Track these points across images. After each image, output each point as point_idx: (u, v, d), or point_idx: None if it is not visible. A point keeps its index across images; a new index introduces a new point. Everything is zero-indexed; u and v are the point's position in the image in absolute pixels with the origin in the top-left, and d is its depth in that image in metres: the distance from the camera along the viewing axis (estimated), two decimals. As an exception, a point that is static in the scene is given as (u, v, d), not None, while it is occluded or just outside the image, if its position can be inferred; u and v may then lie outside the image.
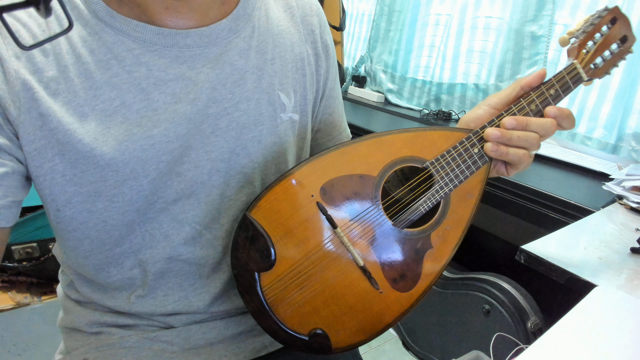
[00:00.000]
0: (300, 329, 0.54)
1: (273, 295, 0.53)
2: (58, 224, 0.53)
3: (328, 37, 0.66)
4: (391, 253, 0.55)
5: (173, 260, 0.56)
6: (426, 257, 0.56)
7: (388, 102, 2.01)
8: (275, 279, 0.53)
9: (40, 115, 0.47)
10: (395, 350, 1.58)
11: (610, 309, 0.54)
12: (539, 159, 1.29)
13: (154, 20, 0.50)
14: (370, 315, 0.55)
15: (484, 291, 1.25)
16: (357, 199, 0.55)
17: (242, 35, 0.56)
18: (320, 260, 0.54)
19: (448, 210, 0.58)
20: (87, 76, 0.48)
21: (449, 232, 0.57)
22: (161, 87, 0.50)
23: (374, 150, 0.56)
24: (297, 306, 0.53)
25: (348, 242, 0.54)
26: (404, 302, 0.55)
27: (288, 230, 0.53)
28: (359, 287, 0.54)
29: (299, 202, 0.54)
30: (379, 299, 0.55)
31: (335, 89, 0.69)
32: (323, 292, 0.54)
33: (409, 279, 0.55)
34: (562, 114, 0.56)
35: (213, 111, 0.53)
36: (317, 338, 0.54)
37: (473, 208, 0.58)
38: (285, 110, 0.59)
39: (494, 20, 1.58)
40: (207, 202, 0.55)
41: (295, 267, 0.53)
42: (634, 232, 0.82)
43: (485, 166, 0.58)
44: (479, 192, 0.59)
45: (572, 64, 0.58)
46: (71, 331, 0.62)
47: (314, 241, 0.53)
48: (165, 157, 0.51)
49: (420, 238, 0.56)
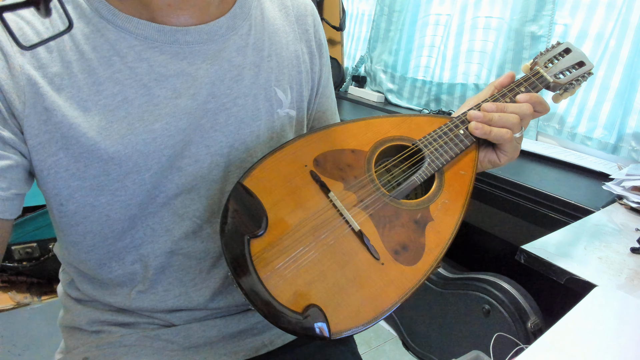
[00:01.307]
0: (293, 304, 0.46)
1: (264, 264, 0.47)
2: (61, 219, 0.54)
3: (322, 36, 0.68)
4: (389, 222, 0.53)
5: (174, 255, 0.57)
6: (428, 229, 0.54)
7: (388, 102, 2.01)
8: (266, 246, 0.48)
9: (45, 109, 0.48)
10: (395, 350, 1.58)
11: (610, 309, 0.54)
12: (539, 159, 1.29)
13: (155, 17, 0.51)
14: (373, 291, 0.49)
15: (484, 291, 1.25)
16: (350, 170, 0.55)
17: (240, 32, 0.57)
18: (314, 227, 0.51)
19: (444, 185, 0.58)
20: (91, 72, 0.49)
21: (449, 206, 0.57)
22: (162, 82, 0.51)
23: (364, 131, 0.60)
24: (290, 277, 0.47)
25: (342, 206, 0.52)
26: (410, 277, 0.50)
27: (280, 197, 0.51)
28: (358, 258, 0.50)
29: (292, 171, 0.54)
30: (381, 272, 0.50)
31: (328, 87, 0.71)
32: (319, 263, 0.49)
33: (412, 250, 0.52)
34: (532, 98, 0.62)
35: (212, 106, 0.54)
36: (313, 316, 0.46)
37: (469, 184, 0.59)
38: (282, 106, 0.61)
39: (494, 20, 1.58)
40: (208, 196, 0.56)
41: (288, 233, 0.49)
42: (634, 232, 0.82)
43: (474, 147, 0.62)
44: (472, 170, 0.61)
45: (536, 68, 0.68)
46: (71, 330, 0.62)
47: (308, 208, 0.52)
48: (167, 151, 0.52)
49: (419, 210, 0.55)
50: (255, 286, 0.46)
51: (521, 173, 1.12)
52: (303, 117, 0.65)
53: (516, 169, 1.16)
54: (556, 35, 1.41)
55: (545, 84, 0.66)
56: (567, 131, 1.41)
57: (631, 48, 1.24)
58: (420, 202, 0.56)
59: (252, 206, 0.50)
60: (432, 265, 0.52)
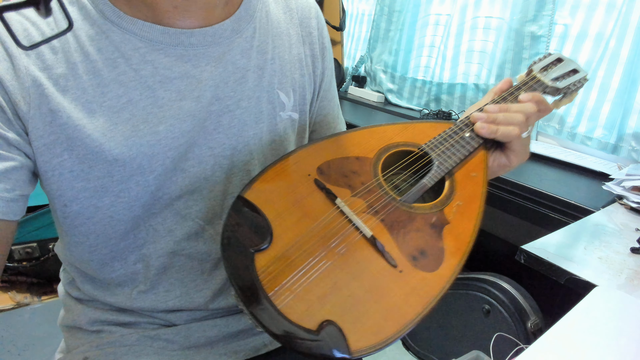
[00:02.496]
0: (306, 321, 0.41)
1: (270, 278, 0.43)
2: (65, 219, 0.54)
3: (326, 39, 0.68)
4: (403, 227, 0.50)
5: (176, 255, 0.57)
6: (445, 233, 0.51)
7: (388, 102, 2.01)
8: (272, 260, 0.44)
9: (51, 111, 0.48)
10: (395, 350, 1.58)
11: (610, 309, 0.54)
12: (539, 159, 1.29)
13: (161, 19, 0.51)
14: (393, 301, 0.44)
15: (484, 291, 1.25)
16: (356, 176, 0.53)
17: (244, 35, 0.57)
18: (322, 237, 0.47)
19: (456, 187, 0.56)
20: (95, 74, 0.49)
21: (464, 208, 0.54)
22: (166, 84, 0.52)
23: (368, 138, 0.59)
24: (301, 292, 0.43)
25: (351, 212, 0.49)
26: (433, 284, 0.46)
27: (284, 208, 0.49)
28: (373, 267, 0.46)
29: (295, 181, 0.51)
30: (401, 280, 0.45)
31: (330, 91, 0.70)
32: (331, 274, 0.44)
33: (431, 255, 0.48)
34: (535, 97, 0.61)
35: (216, 108, 0.54)
36: (329, 334, 0.41)
37: (482, 185, 0.57)
38: (284, 109, 0.61)
39: (494, 20, 1.58)
40: (210, 197, 0.57)
41: (294, 245, 0.46)
42: (634, 232, 0.82)
43: (482, 149, 0.60)
44: (483, 172, 0.58)
45: (533, 74, 0.68)
46: (72, 329, 0.62)
47: (314, 217, 0.48)
48: (171, 153, 0.52)
49: (433, 213, 0.53)
50: (262, 304, 0.42)
51: (521, 173, 1.12)
52: (305, 120, 0.65)
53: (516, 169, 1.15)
54: (556, 35, 1.41)
55: (543, 88, 0.66)
56: (567, 131, 1.41)
57: (631, 48, 1.24)
58: (433, 206, 0.53)
59: (254, 219, 0.47)
60: (455, 270, 0.48)
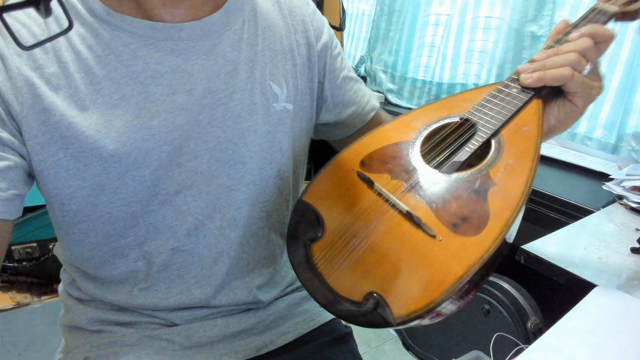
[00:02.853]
0: (353, 294, 0.47)
1: (324, 262, 0.51)
2: (63, 218, 0.54)
3: (320, 22, 0.66)
4: (442, 197, 0.50)
5: (177, 252, 0.57)
6: (491, 196, 0.49)
7: (388, 102, 2.01)
8: (326, 247, 0.52)
9: (44, 109, 0.48)
10: (395, 350, 1.58)
11: (610, 309, 0.54)
12: (539, 159, 1.29)
13: (150, 14, 0.52)
14: (433, 268, 0.45)
15: (484, 291, 1.25)
16: (395, 160, 0.56)
17: (234, 27, 0.57)
18: (364, 220, 0.52)
19: (504, 146, 0.53)
20: (87, 71, 0.49)
21: (514, 167, 0.51)
22: (158, 79, 0.52)
23: (406, 123, 0.60)
24: (348, 270, 0.49)
25: (387, 192, 0.52)
26: (473, 248, 0.45)
27: (333, 202, 0.55)
28: (413, 239, 0.48)
29: (342, 177, 0.57)
30: (440, 248, 0.46)
31: (340, 69, 0.68)
32: (373, 251, 0.49)
33: (474, 220, 0.47)
34: (588, 29, 0.52)
35: (208, 101, 0.54)
36: (373, 303, 0.46)
37: (536, 139, 0.53)
38: (277, 100, 0.60)
39: (494, 20, 1.58)
40: (208, 192, 0.57)
41: (342, 231, 0.52)
42: (634, 232, 0.82)
43: (534, 102, 0.54)
44: (537, 124, 0.53)
45: (594, 6, 0.57)
46: (72, 329, 0.62)
47: (357, 205, 0.54)
48: (166, 148, 0.52)
49: (477, 177, 0.51)
50: (317, 283, 0.50)
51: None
52: (302, 109, 0.64)
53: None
54: (556, 35, 1.41)
55: (608, 17, 0.56)
56: (567, 131, 1.41)
57: (631, 48, 1.24)
58: (476, 171, 0.51)
59: (309, 215, 0.55)
60: (503, 230, 0.45)
